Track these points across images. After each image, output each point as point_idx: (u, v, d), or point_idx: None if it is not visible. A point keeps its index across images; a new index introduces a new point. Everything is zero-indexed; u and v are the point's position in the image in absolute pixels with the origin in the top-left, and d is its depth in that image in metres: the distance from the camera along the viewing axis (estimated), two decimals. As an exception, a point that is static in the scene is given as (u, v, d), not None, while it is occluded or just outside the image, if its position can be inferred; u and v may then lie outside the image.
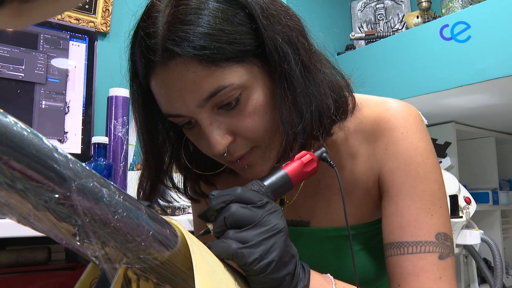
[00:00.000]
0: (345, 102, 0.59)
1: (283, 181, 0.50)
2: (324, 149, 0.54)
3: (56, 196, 0.27)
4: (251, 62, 0.52)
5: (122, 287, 0.38)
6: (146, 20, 0.51)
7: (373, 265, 0.63)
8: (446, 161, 1.84)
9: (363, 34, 1.96)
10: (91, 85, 1.30)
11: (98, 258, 0.31)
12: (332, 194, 0.64)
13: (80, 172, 0.29)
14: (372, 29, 2.17)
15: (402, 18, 2.11)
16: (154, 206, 0.63)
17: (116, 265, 0.33)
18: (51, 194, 0.27)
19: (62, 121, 1.23)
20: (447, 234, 0.56)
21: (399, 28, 2.11)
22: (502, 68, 1.35)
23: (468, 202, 1.53)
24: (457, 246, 1.52)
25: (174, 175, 0.65)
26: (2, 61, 1.14)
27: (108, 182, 0.31)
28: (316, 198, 0.65)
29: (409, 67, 1.62)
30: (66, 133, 1.24)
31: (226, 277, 0.40)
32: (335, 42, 2.17)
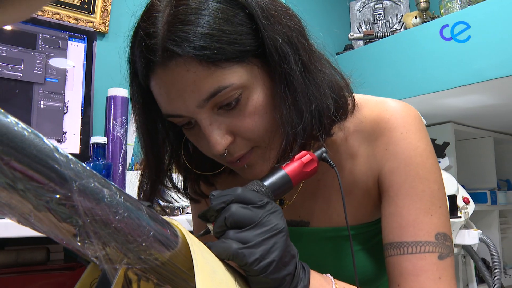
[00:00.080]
0: (345, 102, 0.59)
1: (283, 181, 0.50)
2: (324, 149, 0.54)
3: (57, 196, 0.27)
4: (251, 62, 0.52)
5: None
6: (146, 20, 0.51)
7: (372, 265, 0.63)
8: (445, 161, 1.85)
9: (362, 34, 1.96)
10: (90, 85, 1.30)
11: (98, 259, 0.31)
12: (331, 194, 0.64)
13: (81, 172, 0.29)
14: (370, 29, 2.17)
15: (401, 18, 2.11)
16: (155, 206, 0.63)
17: (116, 265, 0.33)
18: (52, 195, 0.27)
19: (60, 121, 1.23)
20: (447, 234, 0.56)
21: (398, 28, 2.11)
22: (500, 68, 1.36)
23: (466, 202, 1.53)
24: (455, 246, 1.53)
25: (174, 176, 0.65)
26: (0, 61, 1.14)
27: (109, 182, 0.31)
28: (315, 198, 0.65)
29: (407, 67, 1.62)
30: (65, 133, 1.23)
31: (226, 277, 0.40)
32: (334, 42, 2.17)
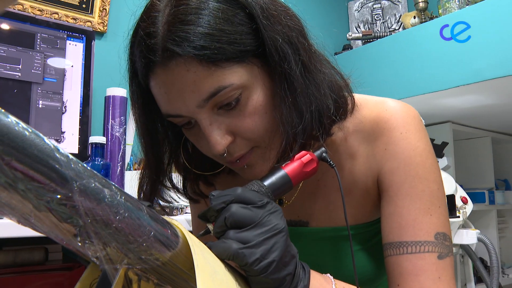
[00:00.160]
0: (344, 102, 0.59)
1: (283, 181, 0.50)
2: (323, 149, 0.54)
3: (58, 196, 0.27)
4: (251, 62, 0.51)
5: (122, 288, 0.38)
6: (146, 19, 0.51)
7: (372, 264, 0.64)
8: (443, 161, 1.85)
9: (360, 34, 1.96)
10: (88, 84, 1.29)
11: (99, 259, 0.31)
12: (331, 194, 0.64)
13: (82, 172, 0.29)
14: (369, 29, 2.18)
15: (399, 18, 2.11)
16: (155, 206, 0.63)
17: (117, 265, 0.33)
18: (53, 195, 0.27)
19: (59, 121, 1.23)
20: (446, 234, 0.56)
21: (396, 28, 2.12)
22: (499, 68, 1.36)
23: (464, 202, 1.54)
24: (453, 245, 1.53)
25: (174, 176, 0.65)
26: (-2, 60, 1.14)
27: (109, 182, 0.31)
28: (315, 198, 0.65)
29: (406, 67, 1.62)
30: (63, 133, 1.23)
31: (227, 277, 0.40)
32: (332, 42, 2.17)
